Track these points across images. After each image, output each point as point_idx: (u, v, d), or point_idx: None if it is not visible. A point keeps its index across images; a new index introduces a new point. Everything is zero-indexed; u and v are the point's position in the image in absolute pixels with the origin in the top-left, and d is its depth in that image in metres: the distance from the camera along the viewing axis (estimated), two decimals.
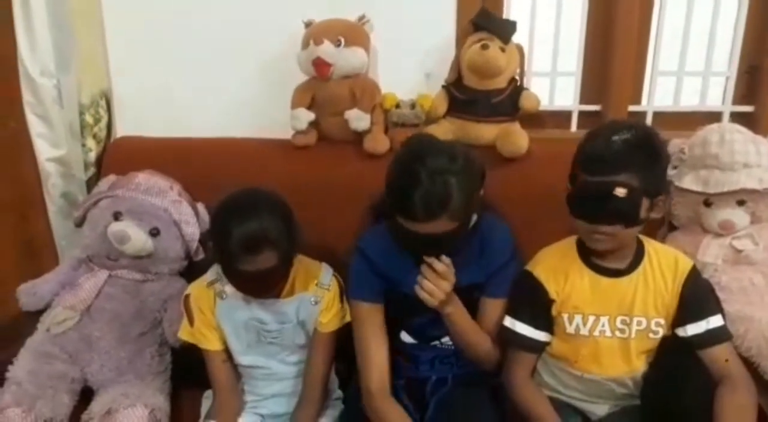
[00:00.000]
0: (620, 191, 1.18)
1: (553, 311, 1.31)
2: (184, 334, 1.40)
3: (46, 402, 1.39)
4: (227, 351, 1.40)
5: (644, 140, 1.22)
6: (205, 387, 1.46)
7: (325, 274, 1.39)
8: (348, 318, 1.38)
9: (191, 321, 1.38)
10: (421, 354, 1.41)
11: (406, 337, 1.42)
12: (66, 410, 1.42)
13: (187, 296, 1.39)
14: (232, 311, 1.36)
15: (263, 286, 1.29)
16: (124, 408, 1.36)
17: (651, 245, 1.33)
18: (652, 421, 1.29)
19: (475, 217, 1.30)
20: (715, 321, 1.27)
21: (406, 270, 1.29)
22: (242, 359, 1.40)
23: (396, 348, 1.40)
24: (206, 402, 1.44)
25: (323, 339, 1.38)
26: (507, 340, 1.33)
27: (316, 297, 1.36)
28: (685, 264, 1.30)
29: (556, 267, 1.32)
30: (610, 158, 1.19)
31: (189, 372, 1.50)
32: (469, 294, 1.34)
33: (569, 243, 1.34)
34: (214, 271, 1.39)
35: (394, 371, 1.38)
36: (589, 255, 1.30)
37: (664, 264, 1.29)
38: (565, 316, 1.30)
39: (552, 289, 1.30)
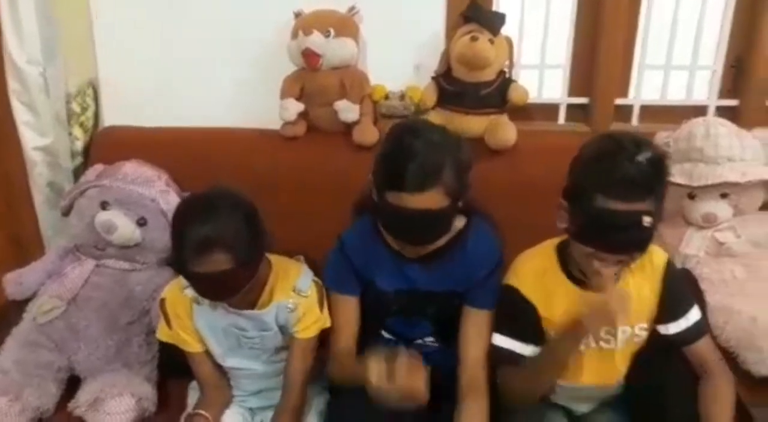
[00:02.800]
0: (647, 220, 1.08)
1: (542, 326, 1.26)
2: (163, 336, 1.37)
3: (33, 391, 1.39)
4: (209, 353, 1.37)
5: (661, 158, 1.12)
6: (192, 376, 1.46)
7: (304, 279, 1.34)
8: (327, 324, 1.35)
9: (169, 325, 1.35)
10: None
11: (388, 336, 1.40)
12: (53, 399, 1.42)
13: (162, 301, 1.35)
14: (210, 316, 1.32)
15: (219, 290, 1.21)
16: (111, 397, 1.36)
17: None
18: (636, 412, 1.29)
19: (464, 221, 1.29)
20: (693, 315, 1.25)
21: (382, 267, 1.30)
22: (224, 361, 1.38)
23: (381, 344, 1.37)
24: (192, 392, 1.44)
25: (301, 345, 1.33)
26: (497, 358, 1.27)
27: (293, 303, 1.31)
28: (660, 259, 1.25)
29: (540, 285, 1.24)
30: (641, 181, 1.08)
31: (176, 361, 1.49)
32: (446, 302, 1.32)
33: (548, 252, 1.27)
34: None
35: None
36: (568, 265, 1.23)
37: (642, 265, 1.23)
38: (552, 333, 1.25)
39: (540, 305, 1.24)
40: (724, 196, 1.54)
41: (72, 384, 1.47)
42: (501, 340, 1.26)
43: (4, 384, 1.38)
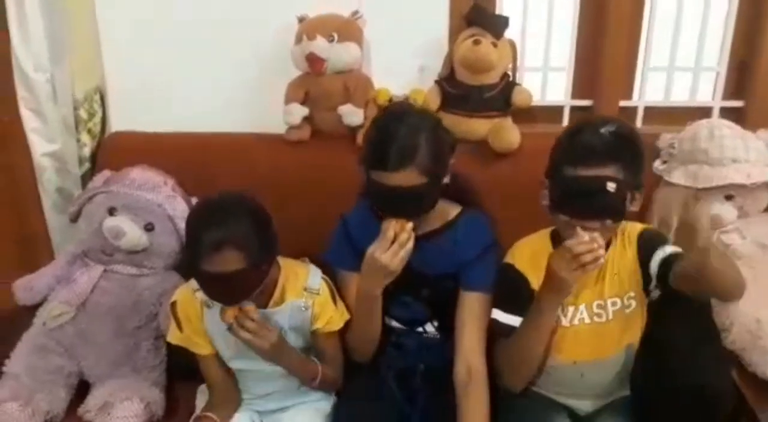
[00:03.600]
0: (611, 186, 1.18)
1: None
2: (174, 338, 1.39)
3: (43, 396, 1.41)
4: (218, 355, 1.39)
5: (629, 133, 1.24)
6: (201, 380, 1.47)
7: (313, 277, 1.37)
8: (347, 315, 1.38)
9: (180, 328, 1.36)
10: (407, 342, 1.43)
11: (391, 322, 1.44)
12: (63, 404, 1.45)
13: (173, 304, 1.37)
14: (219, 320, 1.30)
15: (230, 291, 1.22)
16: (120, 402, 1.38)
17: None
18: (641, 412, 1.30)
19: (458, 210, 1.36)
20: (669, 249, 1.24)
21: None
22: (233, 363, 1.39)
23: (384, 335, 1.42)
24: (201, 395, 1.45)
25: (327, 339, 1.38)
26: (495, 331, 1.32)
27: (305, 303, 1.34)
28: (636, 229, 1.32)
29: (533, 259, 1.32)
30: (602, 148, 1.20)
31: (184, 365, 1.51)
32: (439, 284, 1.37)
33: (543, 236, 1.35)
34: None
35: (383, 361, 1.42)
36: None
37: (623, 237, 1.30)
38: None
39: (533, 280, 1.31)
40: (729, 198, 1.54)
41: (81, 389, 1.49)
42: (499, 315, 1.31)
43: (14, 388, 1.40)
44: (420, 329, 1.43)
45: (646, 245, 1.28)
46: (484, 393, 1.30)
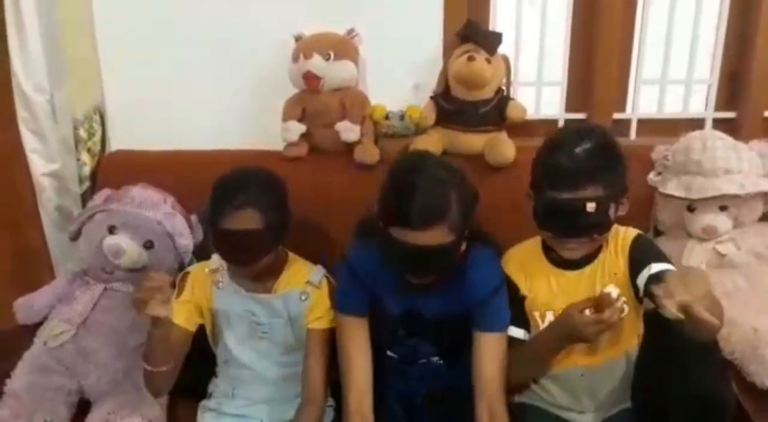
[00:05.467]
0: (591, 206, 1.18)
1: (526, 309, 1.33)
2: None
3: (44, 415, 1.40)
4: (189, 338, 1.38)
5: (604, 146, 1.22)
6: (201, 397, 1.48)
7: (317, 273, 1.42)
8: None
9: (179, 295, 1.38)
10: (409, 369, 1.39)
11: (393, 354, 1.40)
12: None
13: (186, 273, 1.43)
14: (227, 301, 1.40)
15: (245, 251, 1.30)
16: (121, 419, 1.38)
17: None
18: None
19: (465, 245, 1.27)
20: (656, 268, 1.22)
21: (390, 288, 1.31)
22: (236, 352, 1.41)
23: (385, 365, 1.39)
24: (202, 412, 1.45)
25: (315, 339, 1.38)
26: None
27: (305, 293, 1.39)
28: (631, 233, 1.31)
29: (523, 265, 1.34)
30: (577, 172, 1.18)
31: (185, 382, 1.51)
32: (446, 325, 1.32)
33: (534, 243, 1.36)
34: (217, 260, 1.41)
35: (384, 384, 1.38)
36: (551, 252, 1.31)
37: (618, 243, 1.30)
38: (537, 314, 1.32)
39: (522, 285, 1.32)
40: (723, 208, 1.55)
41: (82, 408, 1.48)
42: None
43: (15, 407, 1.40)
44: (423, 360, 1.39)
45: (637, 257, 1.27)
46: None
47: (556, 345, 1.27)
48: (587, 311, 1.17)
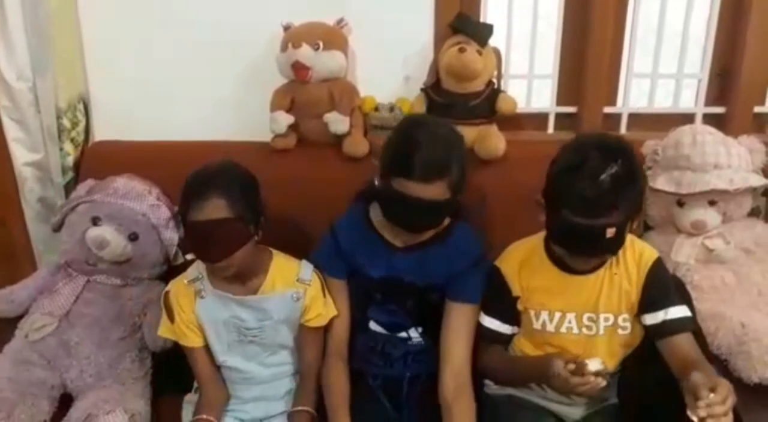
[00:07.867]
0: (611, 231, 1.14)
1: (519, 307, 1.33)
2: (165, 331, 1.39)
3: (25, 409, 1.38)
4: (208, 349, 1.40)
5: (630, 170, 1.14)
6: (186, 391, 1.46)
7: (305, 269, 1.39)
8: (334, 312, 1.39)
9: (171, 318, 1.37)
10: (393, 351, 1.42)
11: (375, 326, 1.43)
12: (45, 416, 1.42)
13: (166, 293, 1.39)
14: (211, 310, 1.36)
15: (214, 243, 1.25)
16: (104, 414, 1.35)
17: None
18: (629, 420, 1.30)
19: (448, 220, 1.33)
20: (674, 312, 1.24)
21: (370, 254, 1.36)
22: (223, 359, 1.40)
23: (369, 345, 1.42)
24: (187, 406, 1.44)
25: (312, 334, 1.39)
26: (481, 336, 1.34)
27: (297, 293, 1.37)
28: (650, 256, 1.28)
29: (522, 263, 1.32)
30: (601, 200, 1.12)
31: (169, 376, 1.50)
32: (425, 296, 1.36)
33: (538, 239, 1.34)
34: (195, 269, 1.39)
35: (370, 372, 1.42)
36: (555, 252, 1.29)
37: (629, 258, 1.28)
38: (532, 312, 1.32)
39: (516, 286, 1.31)
40: (712, 203, 1.56)
41: (64, 402, 1.46)
42: (486, 320, 1.34)
43: None
44: (404, 334, 1.42)
45: (654, 293, 1.25)
46: (471, 406, 1.29)
47: (533, 377, 1.30)
48: (571, 365, 1.15)
